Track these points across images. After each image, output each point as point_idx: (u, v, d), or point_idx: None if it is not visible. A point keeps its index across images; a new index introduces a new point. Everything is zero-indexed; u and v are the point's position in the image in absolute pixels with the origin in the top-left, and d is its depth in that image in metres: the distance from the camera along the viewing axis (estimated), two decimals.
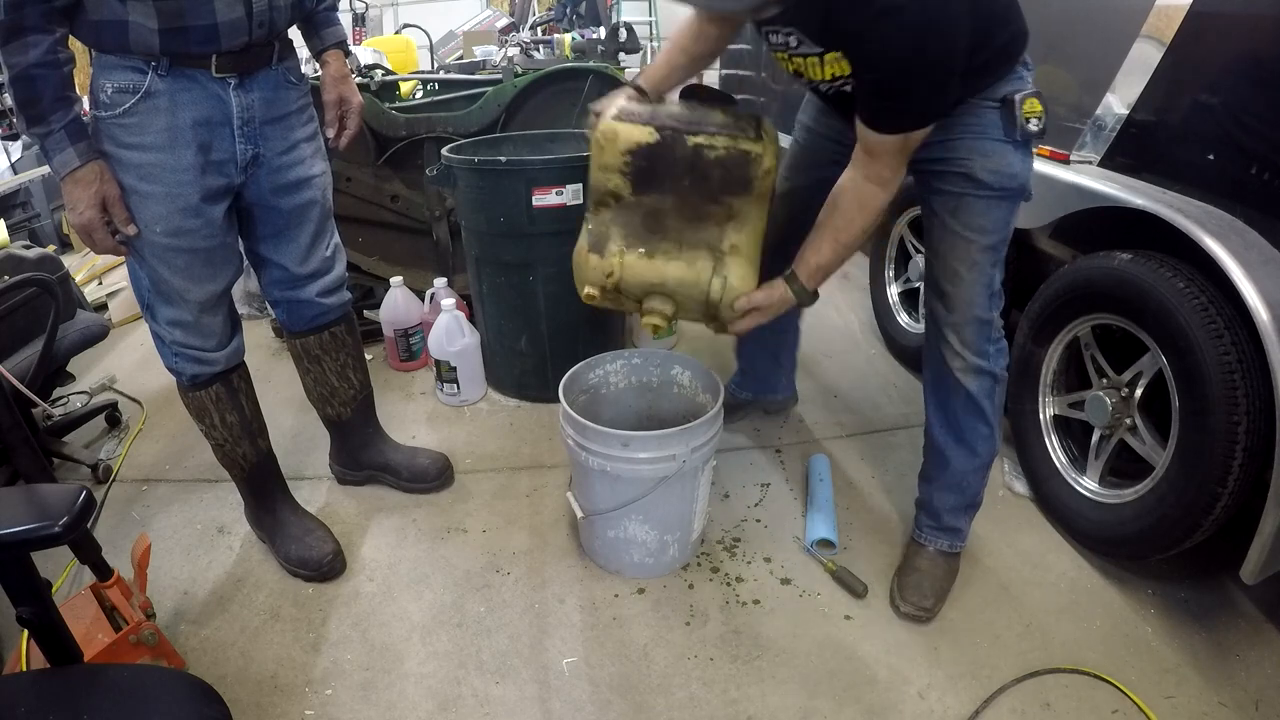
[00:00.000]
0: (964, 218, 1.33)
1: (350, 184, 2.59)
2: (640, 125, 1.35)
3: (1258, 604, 1.54)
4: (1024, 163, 1.31)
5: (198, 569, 1.72)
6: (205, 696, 0.85)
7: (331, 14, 1.58)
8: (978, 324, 1.40)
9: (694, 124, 1.35)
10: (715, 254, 1.42)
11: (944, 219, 1.35)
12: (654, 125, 1.35)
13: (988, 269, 1.36)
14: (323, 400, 1.83)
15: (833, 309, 2.98)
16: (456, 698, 1.39)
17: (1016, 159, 1.29)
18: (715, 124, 1.36)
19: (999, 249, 1.36)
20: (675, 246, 1.44)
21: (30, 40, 1.14)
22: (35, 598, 0.85)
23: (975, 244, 1.34)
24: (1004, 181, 1.29)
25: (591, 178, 1.44)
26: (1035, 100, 1.26)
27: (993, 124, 1.27)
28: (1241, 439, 1.30)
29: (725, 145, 1.34)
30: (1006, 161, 1.29)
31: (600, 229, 1.47)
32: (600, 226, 1.47)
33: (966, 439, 1.50)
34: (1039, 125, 1.26)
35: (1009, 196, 1.32)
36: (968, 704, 1.35)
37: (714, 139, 1.34)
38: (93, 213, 1.27)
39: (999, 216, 1.33)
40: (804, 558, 1.70)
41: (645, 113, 1.38)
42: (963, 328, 1.41)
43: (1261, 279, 1.27)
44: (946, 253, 1.37)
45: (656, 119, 1.36)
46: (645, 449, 1.45)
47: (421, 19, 5.12)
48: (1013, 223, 1.36)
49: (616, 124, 1.36)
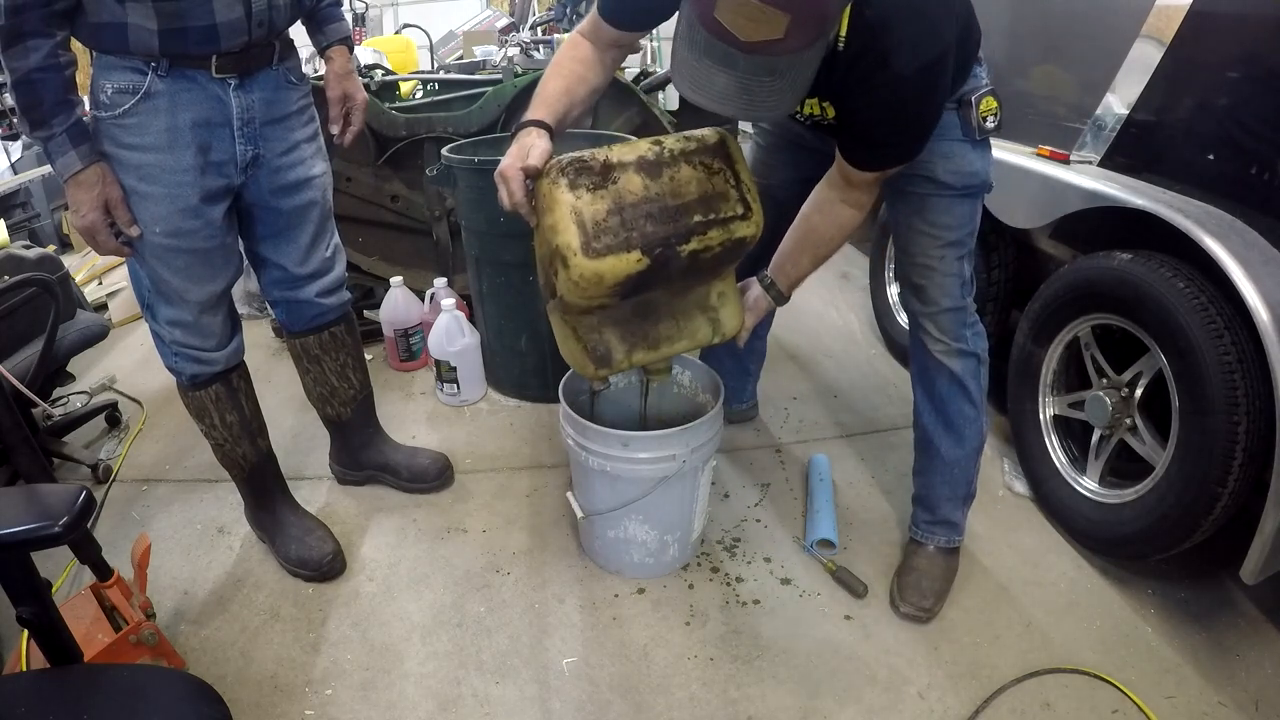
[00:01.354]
0: (930, 217, 1.37)
1: (350, 184, 2.59)
2: (624, 255, 1.13)
3: (1258, 604, 1.54)
4: (984, 160, 1.35)
5: (198, 569, 1.72)
6: (205, 696, 0.85)
7: (335, 10, 1.58)
8: (953, 313, 1.45)
9: (679, 220, 1.16)
10: (709, 314, 1.38)
11: (910, 219, 1.39)
12: (641, 249, 1.13)
13: (956, 262, 1.41)
14: (323, 400, 1.83)
15: (833, 309, 2.98)
16: (456, 698, 1.39)
17: (976, 157, 1.33)
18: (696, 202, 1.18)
19: (966, 243, 1.41)
20: (673, 324, 1.36)
21: (31, 44, 1.14)
22: (35, 598, 0.85)
23: (942, 240, 1.38)
24: (966, 180, 1.33)
25: (567, 298, 1.19)
26: (991, 98, 1.29)
27: (951, 125, 1.30)
28: (1241, 439, 1.30)
29: (720, 240, 1.20)
30: (967, 160, 1.32)
31: (594, 339, 1.31)
32: (592, 335, 1.31)
33: (954, 424, 1.52)
34: (995, 122, 1.30)
35: (971, 194, 1.37)
36: (968, 704, 1.35)
37: (707, 238, 1.18)
38: (95, 215, 1.27)
39: (963, 213, 1.37)
40: (804, 558, 1.70)
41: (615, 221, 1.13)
42: (939, 317, 1.45)
43: (1261, 279, 1.27)
44: (916, 251, 1.42)
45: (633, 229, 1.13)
46: (645, 449, 1.45)
47: (421, 19, 5.13)
48: (978, 216, 1.41)
49: (597, 264, 1.12)
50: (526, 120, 1.22)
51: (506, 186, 1.16)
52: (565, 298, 1.19)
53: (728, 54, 0.94)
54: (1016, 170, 1.79)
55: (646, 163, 1.19)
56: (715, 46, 0.93)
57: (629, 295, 1.22)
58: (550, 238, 1.15)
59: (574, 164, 1.15)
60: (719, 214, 1.19)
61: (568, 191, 1.13)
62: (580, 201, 1.13)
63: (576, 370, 1.39)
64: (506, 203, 1.17)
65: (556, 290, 1.20)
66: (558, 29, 4.65)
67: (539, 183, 1.17)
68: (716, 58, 0.95)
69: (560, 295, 1.20)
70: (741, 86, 0.97)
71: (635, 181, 1.17)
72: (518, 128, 1.22)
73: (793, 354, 2.62)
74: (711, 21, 0.90)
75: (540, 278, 1.29)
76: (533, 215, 1.20)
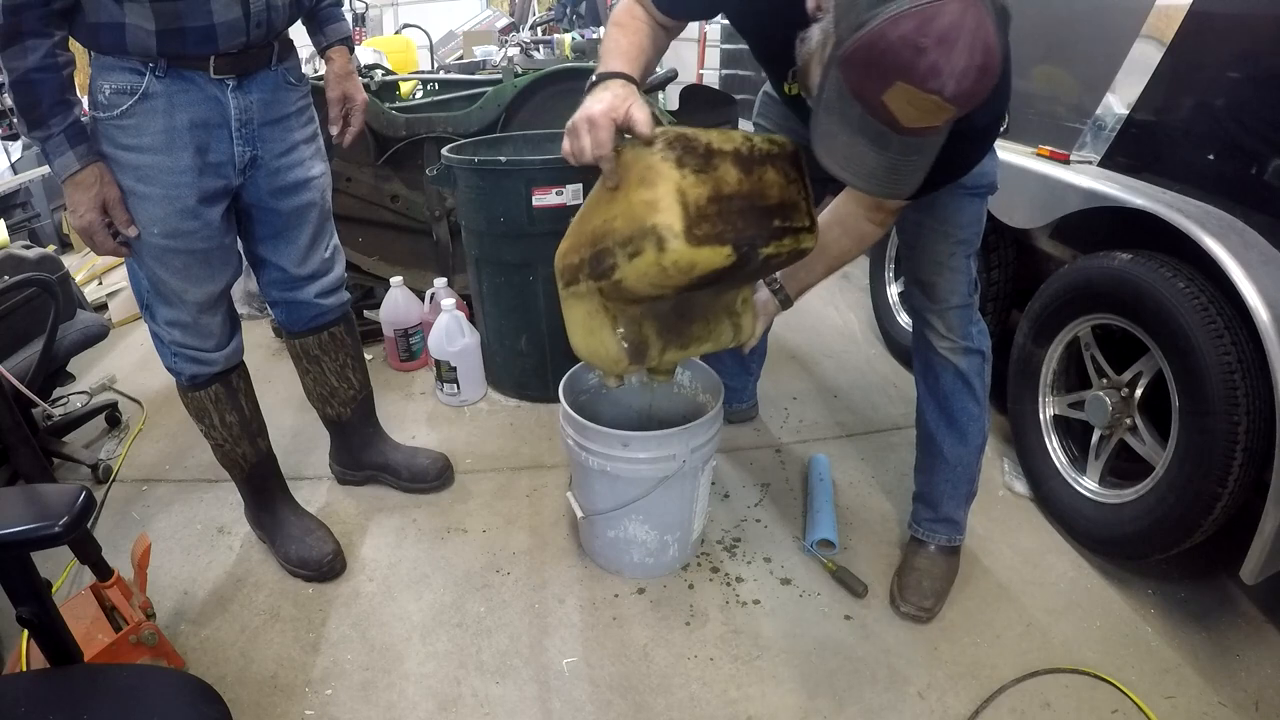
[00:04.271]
0: (941, 215, 1.38)
1: (350, 184, 2.59)
2: (718, 247, 1.06)
3: (1258, 604, 1.54)
4: (992, 160, 1.37)
5: (198, 569, 1.72)
6: (205, 696, 0.85)
7: (335, 10, 1.57)
8: (960, 310, 1.46)
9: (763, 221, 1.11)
10: (733, 318, 1.34)
11: (921, 218, 1.40)
12: (733, 244, 1.07)
13: (965, 260, 1.42)
14: (322, 400, 1.83)
15: (833, 309, 2.98)
16: (456, 698, 1.39)
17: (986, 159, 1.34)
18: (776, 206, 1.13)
19: (974, 241, 1.42)
20: (704, 326, 1.30)
21: (29, 44, 1.14)
22: (35, 598, 0.85)
23: (953, 238, 1.39)
24: (975, 180, 1.35)
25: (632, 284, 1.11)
26: None
27: None
28: (1241, 439, 1.30)
29: (789, 250, 1.16)
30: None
31: (633, 331, 1.23)
32: (632, 327, 1.23)
33: (958, 421, 1.52)
34: (1004, 125, 1.31)
35: (980, 193, 1.39)
36: (968, 704, 1.35)
37: (781, 244, 1.13)
38: (93, 215, 1.27)
39: (972, 212, 1.39)
40: (804, 558, 1.70)
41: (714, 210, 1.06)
42: (947, 314, 1.46)
43: (1261, 279, 1.27)
44: (925, 248, 1.43)
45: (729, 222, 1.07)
46: (645, 449, 1.45)
47: (421, 19, 5.13)
48: (984, 216, 1.43)
49: (695, 252, 1.04)
50: (607, 73, 1.12)
51: (594, 135, 1.04)
52: (629, 283, 1.11)
53: (882, 134, 0.91)
54: (1017, 170, 1.79)
55: (742, 157, 1.12)
56: (870, 125, 0.91)
57: (692, 289, 1.14)
58: (643, 214, 1.05)
59: (681, 139, 1.06)
60: (792, 223, 1.15)
61: (674, 168, 1.04)
62: (686, 182, 1.04)
63: (599, 364, 1.30)
64: (587, 152, 1.05)
65: (617, 273, 1.10)
66: (558, 29, 4.65)
67: (633, 150, 1.08)
68: (870, 136, 0.92)
69: (619, 280, 1.11)
70: (891, 166, 0.95)
71: (732, 173, 1.09)
72: (594, 80, 1.12)
73: (793, 354, 2.62)
74: (877, 104, 0.87)
75: (574, 257, 1.20)
76: (614, 175, 1.10)
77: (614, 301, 1.19)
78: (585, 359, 1.32)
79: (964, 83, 0.83)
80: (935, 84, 0.82)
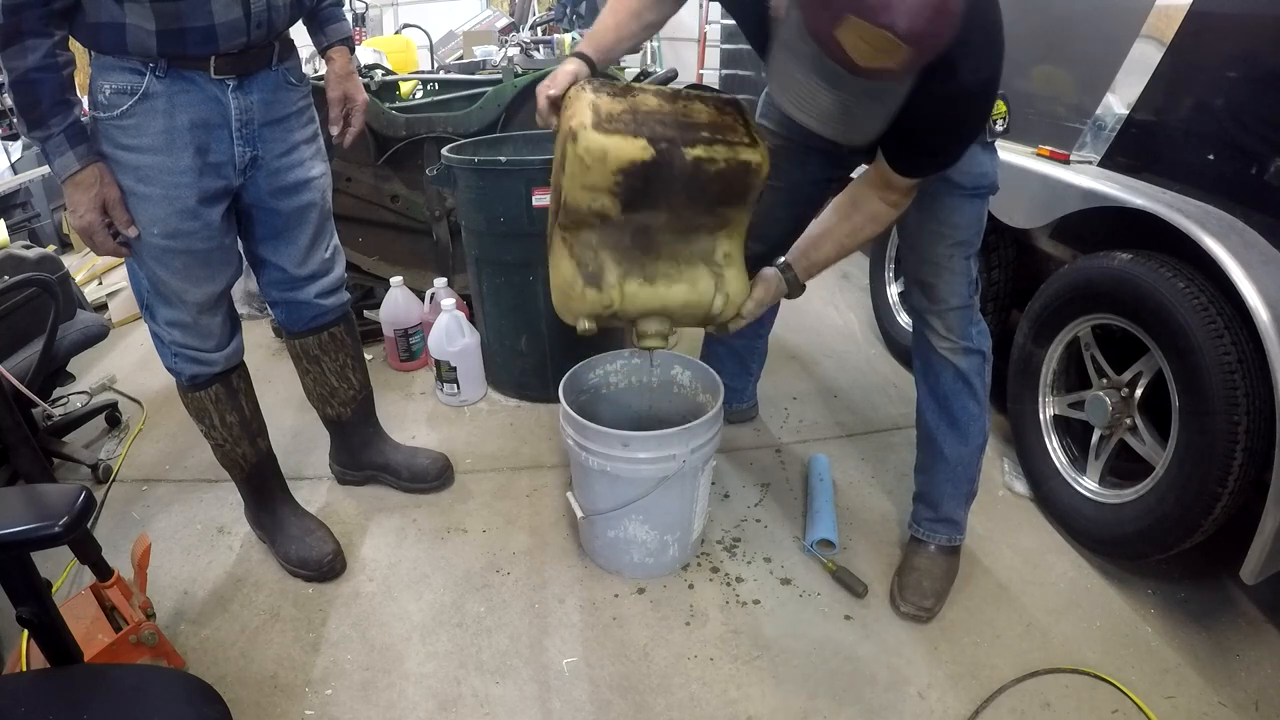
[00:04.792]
0: (942, 216, 1.38)
1: (350, 184, 2.59)
2: (631, 139, 1.16)
3: (1258, 604, 1.54)
4: (993, 161, 1.38)
5: (198, 569, 1.72)
6: (205, 696, 0.85)
7: (336, 10, 1.57)
8: (960, 311, 1.46)
9: (687, 130, 1.21)
10: (713, 268, 1.34)
11: (922, 218, 1.40)
12: (648, 138, 1.16)
13: (965, 261, 1.43)
14: (322, 400, 1.83)
15: (833, 309, 2.98)
16: (456, 698, 1.39)
17: (986, 158, 1.36)
18: (705, 125, 1.22)
19: (974, 242, 1.43)
20: (673, 265, 1.32)
21: (29, 44, 1.14)
22: (35, 598, 0.85)
23: (953, 239, 1.40)
24: (976, 180, 1.35)
25: (569, 195, 1.21)
26: (1001, 102, 1.30)
27: None
28: (1241, 439, 1.30)
29: (725, 157, 1.21)
30: (978, 162, 1.34)
31: (589, 256, 1.29)
32: (587, 253, 1.29)
33: (958, 421, 1.52)
34: (1004, 125, 1.34)
35: (980, 194, 1.39)
36: (968, 704, 1.35)
37: (713, 149, 1.20)
38: (93, 215, 1.27)
39: (973, 213, 1.40)
40: (804, 558, 1.70)
41: (628, 116, 1.18)
42: (947, 315, 1.47)
43: (1261, 279, 1.27)
44: (927, 249, 1.43)
45: (643, 125, 1.18)
46: (645, 449, 1.45)
47: (421, 19, 5.14)
48: (985, 217, 1.43)
49: (605, 139, 1.14)
50: (573, 52, 1.32)
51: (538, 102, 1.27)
52: (567, 195, 1.21)
53: (836, 73, 0.91)
54: (1017, 170, 1.79)
55: (664, 93, 1.27)
56: (824, 64, 0.91)
57: (631, 204, 1.22)
58: (565, 124, 1.21)
59: (606, 83, 1.26)
60: (726, 137, 1.22)
61: (592, 94, 1.21)
62: (599, 99, 1.20)
63: (563, 301, 1.34)
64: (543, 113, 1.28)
65: (562, 194, 1.23)
66: (557, 29, 4.65)
67: (567, 97, 1.24)
68: (824, 75, 0.92)
69: (563, 195, 1.22)
70: (844, 108, 0.95)
71: (651, 100, 1.24)
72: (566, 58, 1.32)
73: (793, 354, 2.62)
74: (829, 39, 0.87)
75: (551, 204, 1.33)
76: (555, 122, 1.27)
77: (570, 231, 1.29)
78: (556, 306, 1.37)
79: (918, 20, 0.82)
80: (886, 18, 0.82)
